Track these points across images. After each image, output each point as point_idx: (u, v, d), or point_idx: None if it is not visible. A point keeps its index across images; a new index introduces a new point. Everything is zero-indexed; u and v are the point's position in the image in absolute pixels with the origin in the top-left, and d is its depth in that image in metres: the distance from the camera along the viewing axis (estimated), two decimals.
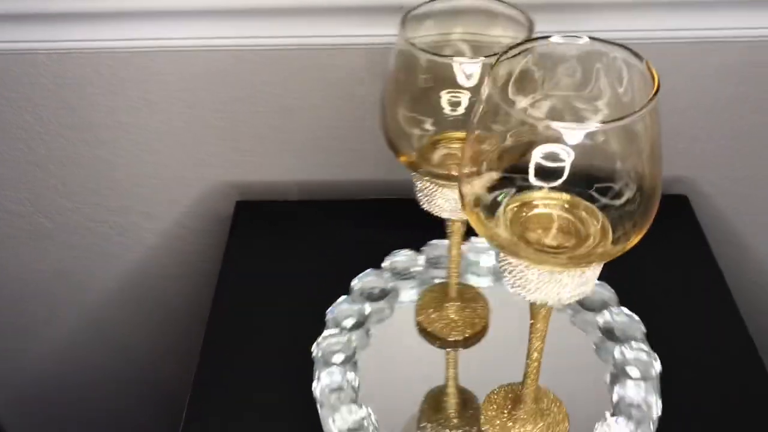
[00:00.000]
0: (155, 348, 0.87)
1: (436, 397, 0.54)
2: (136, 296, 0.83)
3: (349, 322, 0.57)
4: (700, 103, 0.68)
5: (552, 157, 0.35)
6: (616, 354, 0.54)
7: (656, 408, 0.50)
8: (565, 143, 0.34)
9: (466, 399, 0.54)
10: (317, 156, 0.72)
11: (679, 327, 0.59)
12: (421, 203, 0.50)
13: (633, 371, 0.53)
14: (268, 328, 0.60)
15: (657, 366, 0.53)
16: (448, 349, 0.57)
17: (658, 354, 0.54)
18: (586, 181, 0.37)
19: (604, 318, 0.57)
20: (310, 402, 0.53)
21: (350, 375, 0.54)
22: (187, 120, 0.70)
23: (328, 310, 0.58)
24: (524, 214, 0.39)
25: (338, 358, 0.55)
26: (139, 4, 0.61)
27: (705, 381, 0.55)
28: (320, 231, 0.69)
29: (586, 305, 0.58)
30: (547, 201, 0.39)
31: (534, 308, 0.43)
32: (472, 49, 0.48)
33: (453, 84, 0.44)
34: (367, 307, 0.59)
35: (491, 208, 0.38)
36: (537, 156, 0.35)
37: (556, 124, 0.34)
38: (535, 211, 0.39)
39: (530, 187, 0.37)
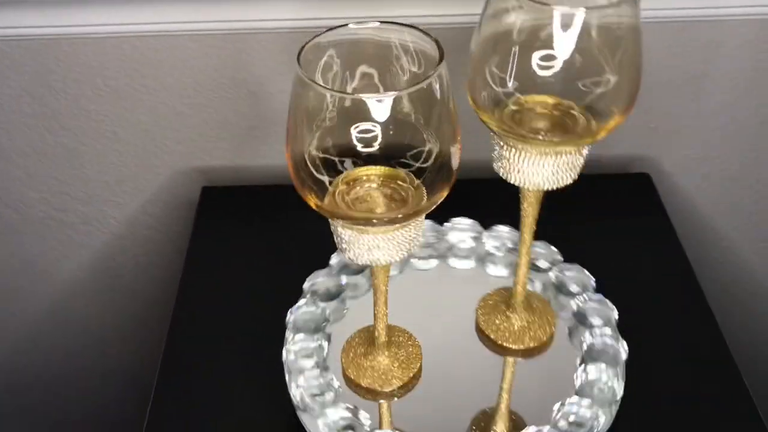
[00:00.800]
0: (124, 335, 0.87)
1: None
2: (104, 285, 0.83)
3: (325, 293, 0.58)
4: (668, 80, 0.69)
5: (366, 131, 0.41)
6: (585, 338, 0.55)
7: (618, 390, 0.51)
8: (374, 118, 0.40)
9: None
10: (283, 140, 0.72)
11: (641, 304, 0.60)
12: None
13: (599, 355, 0.53)
14: (235, 312, 0.60)
15: (624, 351, 0.53)
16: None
17: (620, 331, 0.55)
18: (399, 150, 0.43)
19: (578, 303, 0.58)
20: (280, 381, 0.53)
21: (322, 343, 0.54)
22: (151, 106, 0.69)
23: (304, 285, 0.58)
24: (353, 191, 0.44)
25: (310, 326, 0.55)
26: None
27: (666, 357, 0.56)
28: (286, 215, 0.69)
29: (563, 290, 0.59)
30: (368, 174, 0.44)
31: (375, 269, 0.48)
32: None
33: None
34: (344, 279, 0.59)
35: (322, 190, 0.44)
36: (354, 133, 0.41)
37: (363, 96, 0.39)
38: (360, 186, 0.44)
39: (354, 164, 0.43)
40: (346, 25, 0.43)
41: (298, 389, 0.51)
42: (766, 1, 0.64)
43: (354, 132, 0.41)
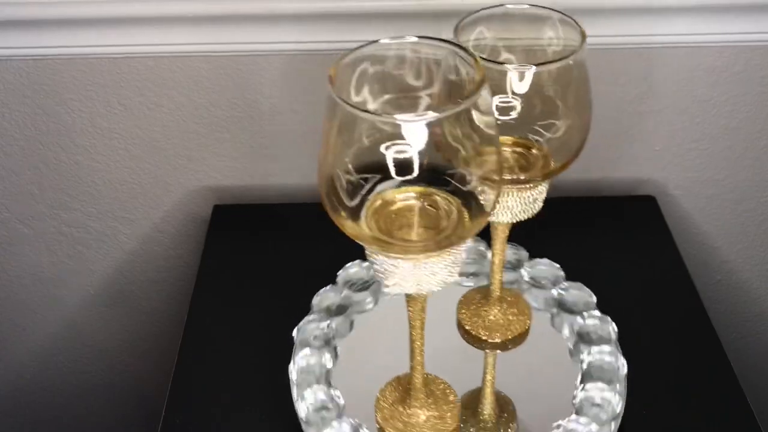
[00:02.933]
0: (134, 352, 0.88)
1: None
2: (115, 301, 0.83)
3: (332, 308, 0.59)
4: (675, 105, 0.70)
5: (402, 151, 0.38)
6: (585, 355, 0.56)
7: (618, 407, 0.51)
8: (409, 136, 0.37)
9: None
10: (294, 160, 0.73)
11: (646, 325, 0.60)
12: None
13: (599, 372, 0.54)
14: (246, 329, 0.61)
15: (624, 368, 0.54)
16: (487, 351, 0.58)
17: (623, 350, 0.55)
18: (436, 171, 0.39)
19: (580, 321, 0.58)
20: (289, 400, 0.53)
21: (326, 357, 0.55)
22: (164, 125, 0.70)
23: (312, 301, 0.59)
24: (386, 210, 0.41)
25: (317, 342, 0.56)
26: (114, 10, 0.62)
27: (672, 380, 0.57)
28: (298, 234, 0.70)
29: (566, 307, 0.60)
30: (404, 194, 0.41)
31: (410, 299, 0.44)
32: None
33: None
34: (352, 296, 0.60)
35: (355, 213, 0.41)
36: (389, 153, 0.38)
37: (398, 117, 0.36)
38: (395, 206, 0.41)
39: (388, 183, 0.39)
40: (377, 41, 0.41)
41: (303, 403, 0.52)
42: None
43: (389, 152, 0.38)
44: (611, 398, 0.51)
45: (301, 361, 0.54)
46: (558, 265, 0.62)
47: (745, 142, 0.72)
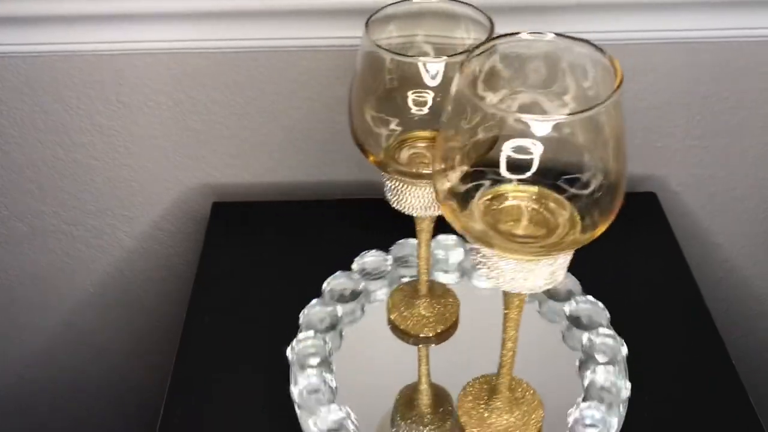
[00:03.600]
0: (133, 350, 0.87)
1: (410, 394, 0.55)
2: (114, 299, 0.83)
3: (322, 324, 0.58)
4: (675, 101, 0.69)
5: (521, 150, 0.36)
6: (584, 341, 0.55)
7: (625, 390, 0.51)
8: (534, 136, 0.35)
9: (439, 395, 0.55)
10: (293, 157, 0.73)
11: (648, 324, 0.60)
12: (392, 202, 0.51)
13: (601, 356, 0.54)
14: (244, 329, 0.61)
15: (624, 350, 0.54)
16: (420, 345, 0.58)
17: (627, 348, 0.55)
18: (554, 173, 0.38)
19: (570, 306, 0.58)
20: (288, 403, 0.53)
21: (327, 376, 0.54)
22: (163, 122, 0.70)
23: (301, 313, 0.59)
24: (496, 206, 0.40)
25: (314, 360, 0.55)
26: (112, 7, 0.62)
27: (673, 375, 0.56)
28: (296, 231, 0.70)
29: (552, 295, 0.59)
30: (517, 193, 0.40)
31: (507, 297, 0.44)
32: (435, 51, 0.49)
33: (418, 84, 0.45)
34: (339, 309, 0.59)
35: (464, 201, 0.40)
36: (507, 149, 0.37)
37: (525, 117, 0.35)
38: (506, 203, 0.40)
39: (501, 180, 0.38)
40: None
41: (315, 427, 0.51)
42: None
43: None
44: (618, 382, 0.51)
45: (302, 382, 0.54)
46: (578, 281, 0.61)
47: (747, 138, 0.72)
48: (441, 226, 0.48)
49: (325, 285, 0.60)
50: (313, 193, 0.75)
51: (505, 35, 0.40)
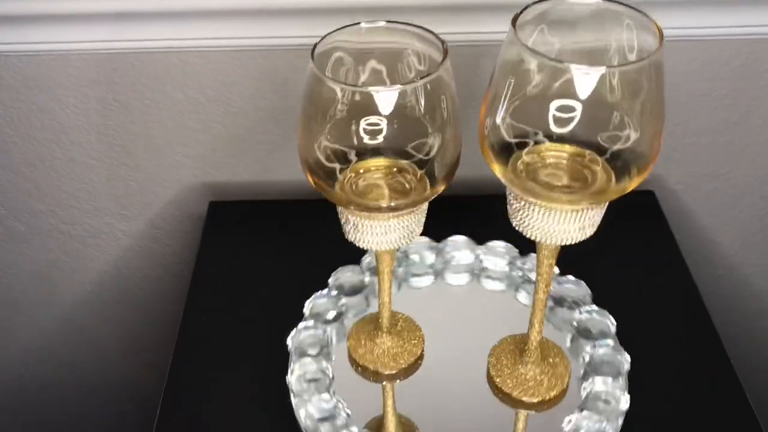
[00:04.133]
0: (130, 348, 0.88)
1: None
2: (112, 297, 0.83)
3: (326, 315, 0.58)
4: (673, 99, 0.69)
5: (565, 109, 0.40)
6: (588, 350, 0.55)
7: (624, 402, 0.51)
8: (577, 91, 0.39)
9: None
10: (290, 156, 0.73)
11: (646, 321, 0.60)
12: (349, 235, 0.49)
13: (603, 367, 0.53)
14: (241, 327, 0.61)
15: (627, 363, 0.53)
16: (384, 383, 0.55)
17: (625, 347, 0.55)
18: (594, 130, 0.41)
19: (578, 316, 0.58)
20: (286, 401, 0.53)
21: (324, 365, 0.54)
22: (159, 121, 0.70)
23: (306, 302, 0.59)
24: (538, 163, 0.43)
25: (313, 350, 0.55)
26: (108, 6, 0.61)
27: (671, 374, 0.56)
28: (293, 230, 0.70)
29: (561, 303, 0.59)
30: (556, 152, 0.43)
31: (540, 247, 0.47)
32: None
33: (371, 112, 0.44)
34: (344, 301, 0.59)
35: (508, 155, 0.43)
36: (552, 108, 0.40)
37: (574, 66, 0.38)
38: (548, 160, 0.43)
39: (546, 136, 0.42)
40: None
41: (307, 414, 0.51)
42: None
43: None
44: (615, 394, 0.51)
45: (298, 370, 0.54)
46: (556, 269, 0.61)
47: (745, 136, 0.72)
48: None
49: (332, 278, 0.61)
50: (310, 191, 0.74)
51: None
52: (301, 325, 0.57)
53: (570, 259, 0.61)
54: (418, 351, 0.56)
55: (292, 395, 0.52)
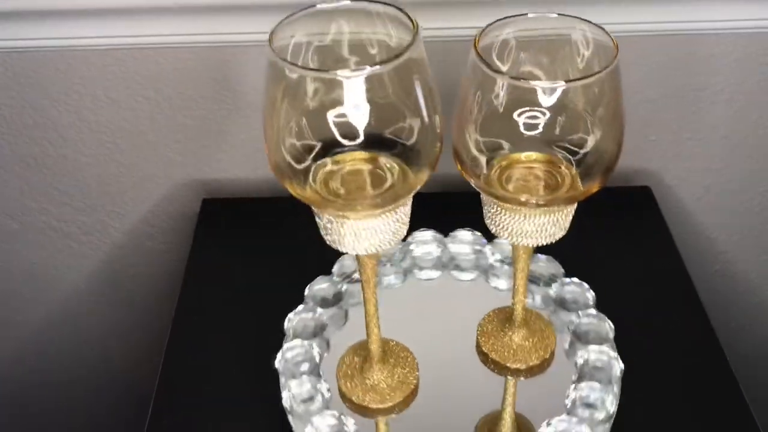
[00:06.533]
0: (123, 345, 0.87)
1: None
2: (105, 295, 0.83)
3: (325, 299, 0.58)
4: (669, 93, 0.69)
5: (531, 118, 0.43)
6: (580, 355, 0.55)
7: (611, 406, 0.50)
8: (540, 104, 0.42)
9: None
10: None
11: (641, 317, 0.59)
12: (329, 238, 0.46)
13: (594, 372, 0.53)
14: (234, 325, 0.60)
15: (618, 368, 0.53)
16: (377, 417, 0.53)
17: (618, 342, 0.54)
18: (559, 138, 0.45)
19: (576, 319, 0.57)
20: (278, 400, 0.53)
21: (316, 350, 0.54)
22: (152, 118, 0.70)
23: (308, 286, 0.59)
24: (509, 170, 0.46)
25: (306, 334, 0.55)
26: (99, 1, 0.61)
27: (666, 369, 0.56)
28: (287, 228, 0.69)
29: (564, 305, 0.59)
30: (526, 157, 0.47)
31: (515, 250, 0.50)
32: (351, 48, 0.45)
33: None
34: (344, 286, 0.59)
35: (480, 166, 0.46)
36: (518, 118, 0.43)
37: (534, 83, 0.42)
38: (518, 166, 0.46)
39: (514, 145, 0.46)
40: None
41: (289, 394, 0.51)
42: (766, 14, 0.64)
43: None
44: (605, 398, 0.50)
45: (288, 353, 0.54)
46: (557, 261, 0.61)
47: (742, 131, 0.72)
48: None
49: (307, 290, 0.59)
50: None
51: (514, 16, 0.45)
52: (297, 308, 0.57)
53: (566, 254, 0.61)
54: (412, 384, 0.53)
55: (289, 416, 0.52)
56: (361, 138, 0.41)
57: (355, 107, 0.39)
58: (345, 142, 0.41)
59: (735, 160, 0.74)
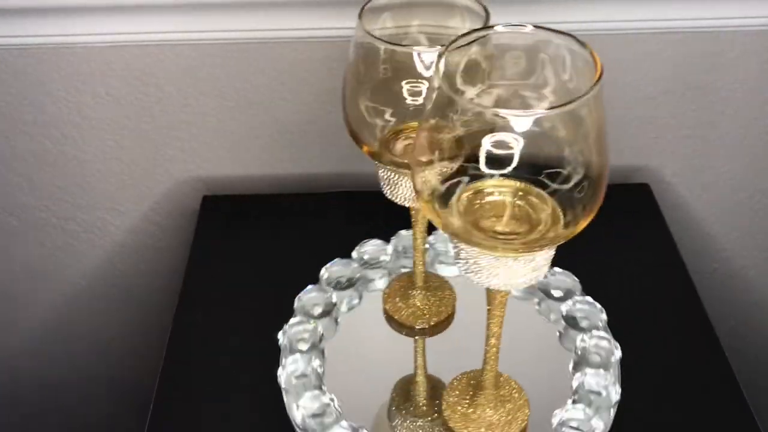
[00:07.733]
0: (124, 342, 0.87)
1: (403, 386, 0.55)
2: (105, 292, 0.83)
3: (317, 310, 0.58)
4: (669, 91, 0.69)
5: (502, 145, 0.36)
6: (578, 342, 0.55)
7: (615, 394, 0.51)
8: (513, 130, 0.35)
9: (433, 386, 0.54)
10: (284, 149, 0.72)
11: (640, 315, 0.60)
12: (386, 193, 0.50)
13: (594, 358, 0.53)
14: (235, 322, 0.60)
15: (617, 353, 0.53)
16: (415, 337, 0.57)
17: (618, 340, 0.55)
18: (535, 168, 0.38)
19: (567, 306, 0.58)
20: (279, 395, 0.53)
21: (315, 362, 0.54)
22: (152, 114, 0.70)
23: (297, 297, 0.58)
24: (477, 202, 0.39)
25: (304, 345, 0.55)
26: None
27: (665, 367, 0.56)
28: (288, 225, 0.69)
29: (550, 294, 0.59)
30: (499, 188, 0.39)
31: (490, 294, 0.43)
32: (430, 41, 0.49)
33: (413, 74, 0.45)
34: (335, 296, 0.59)
35: (445, 197, 0.39)
36: (487, 144, 0.36)
37: (503, 112, 0.35)
38: (488, 198, 0.39)
39: (483, 176, 0.38)
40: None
41: (299, 411, 0.51)
42: (767, 12, 0.64)
43: (487, 144, 0.36)
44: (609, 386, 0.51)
45: (290, 366, 0.54)
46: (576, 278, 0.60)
47: (741, 128, 0.72)
48: None
49: (322, 271, 0.60)
50: (304, 185, 0.74)
51: (483, 28, 0.39)
52: (292, 320, 0.57)
53: (563, 251, 0.61)
54: (448, 310, 0.58)
55: (283, 393, 0.52)
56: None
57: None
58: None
59: (734, 158, 0.74)
